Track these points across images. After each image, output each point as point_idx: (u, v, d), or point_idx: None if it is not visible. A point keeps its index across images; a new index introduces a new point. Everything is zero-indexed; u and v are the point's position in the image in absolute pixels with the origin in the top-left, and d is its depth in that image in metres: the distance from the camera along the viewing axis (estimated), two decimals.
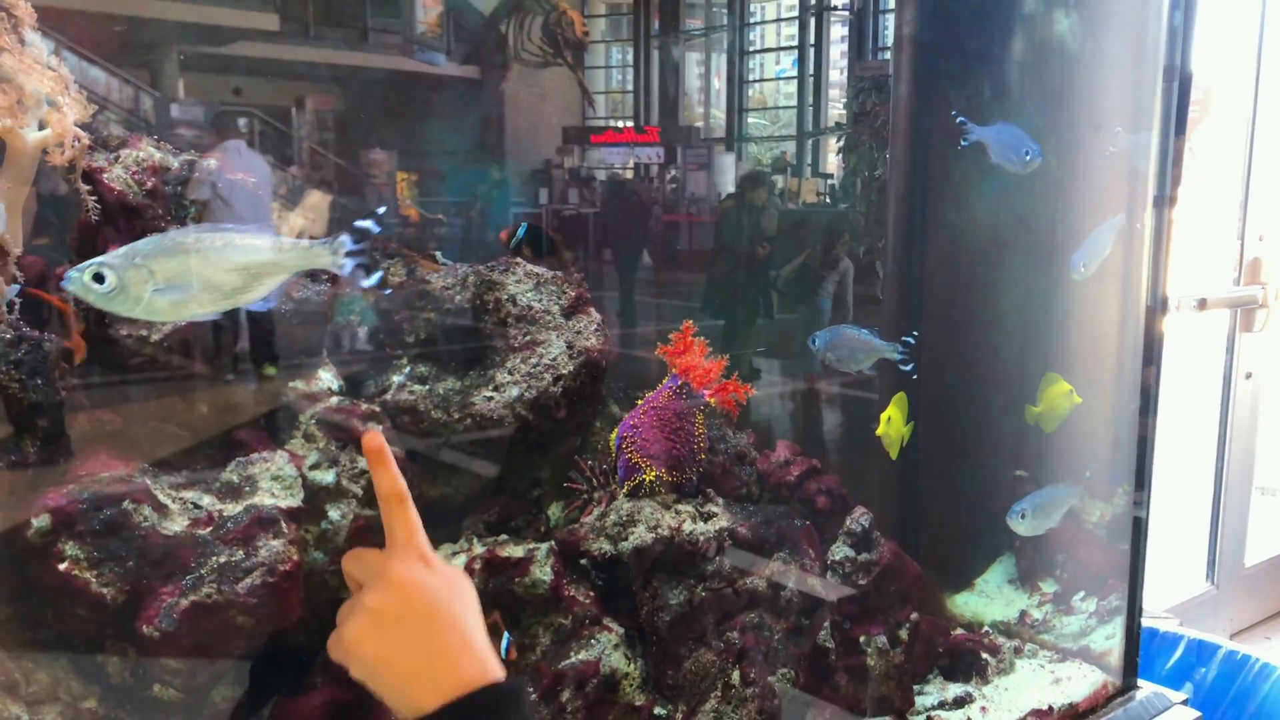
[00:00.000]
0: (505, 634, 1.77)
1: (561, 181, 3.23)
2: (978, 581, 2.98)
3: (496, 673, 0.87)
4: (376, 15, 2.79)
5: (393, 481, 0.94)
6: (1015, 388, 2.92)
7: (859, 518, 2.08)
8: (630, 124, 3.67)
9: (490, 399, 1.89)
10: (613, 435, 1.97)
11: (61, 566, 1.37)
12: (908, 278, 3.01)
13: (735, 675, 1.82)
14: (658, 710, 1.84)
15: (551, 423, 1.93)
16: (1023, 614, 2.72)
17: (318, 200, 2.28)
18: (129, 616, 1.41)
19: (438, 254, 1.98)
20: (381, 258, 1.94)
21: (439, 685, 0.85)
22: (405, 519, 0.94)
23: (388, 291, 1.77)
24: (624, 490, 1.91)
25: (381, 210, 1.29)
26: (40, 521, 1.37)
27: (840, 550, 2.06)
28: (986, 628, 2.65)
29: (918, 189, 2.91)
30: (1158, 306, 2.46)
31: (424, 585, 0.90)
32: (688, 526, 1.86)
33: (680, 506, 1.90)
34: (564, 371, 1.92)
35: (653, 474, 1.88)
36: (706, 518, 1.90)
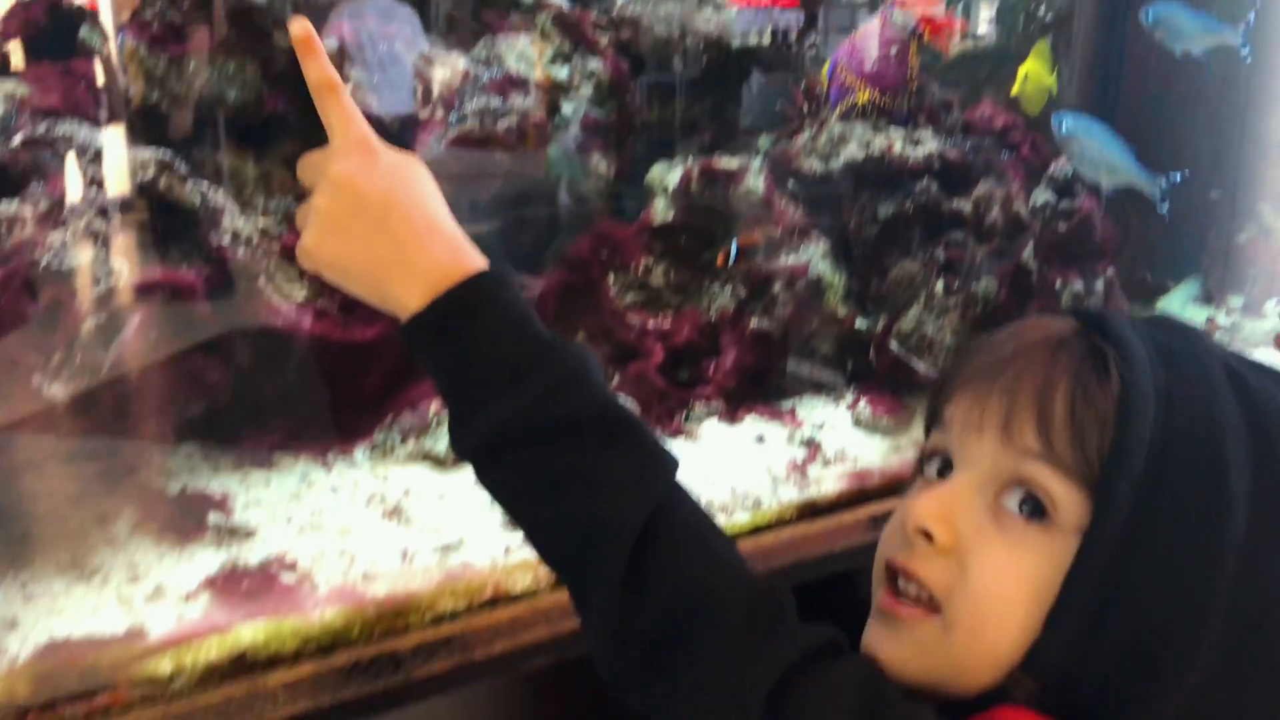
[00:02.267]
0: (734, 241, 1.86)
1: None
2: (1160, 302, 2.97)
3: (474, 257, 0.83)
4: None
5: (322, 71, 0.86)
6: (1215, 104, 2.85)
7: (1062, 165, 2.10)
8: None
9: (709, 20, 1.96)
10: (824, 68, 2.02)
11: None
12: None
13: (938, 286, 1.89)
14: (859, 324, 1.93)
15: (767, 49, 2.00)
16: (1209, 320, 2.71)
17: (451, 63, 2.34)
18: (402, 143, 1.55)
19: None
20: None
21: (416, 273, 0.81)
22: (340, 108, 0.86)
23: None
24: (835, 114, 1.97)
25: None
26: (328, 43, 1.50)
27: (1042, 195, 2.09)
28: None
29: None
30: None
31: (372, 173, 0.84)
32: (898, 147, 1.92)
33: (891, 130, 1.95)
34: None
35: (866, 95, 1.93)
36: (916, 143, 1.95)
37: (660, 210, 1.90)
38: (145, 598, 1.09)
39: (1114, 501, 0.75)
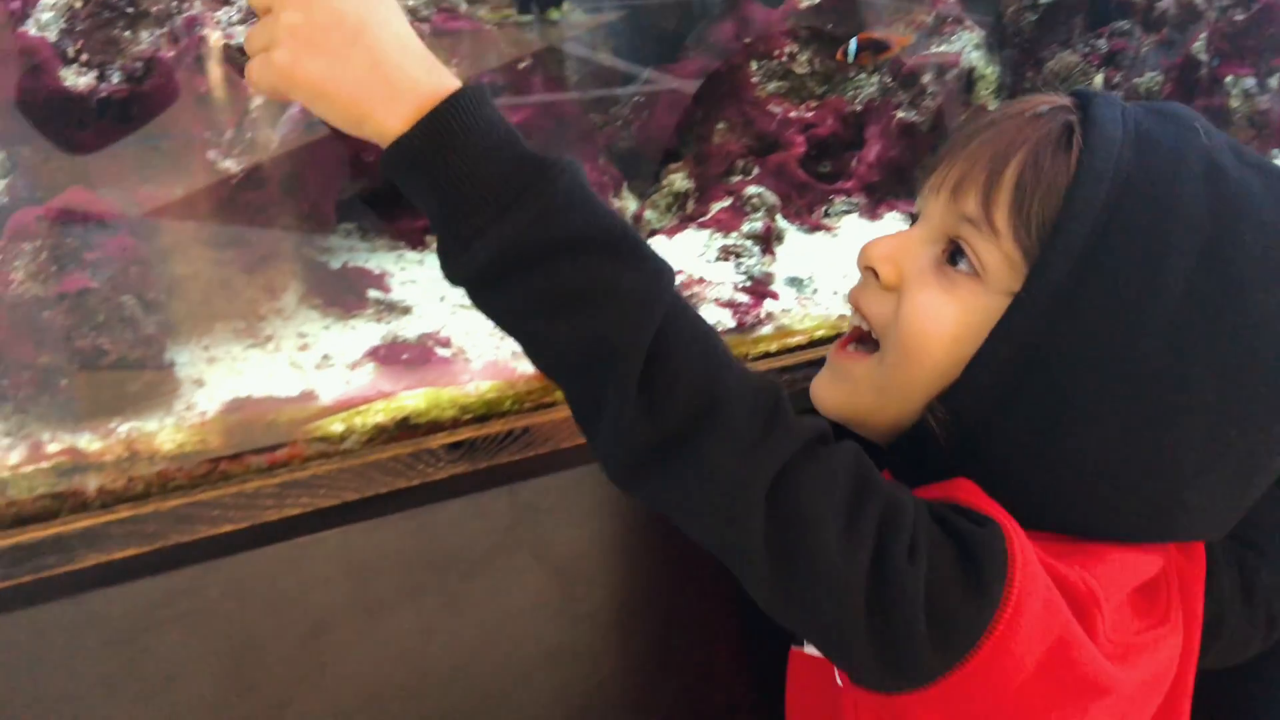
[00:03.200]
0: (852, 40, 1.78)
1: None
2: None
3: (449, 75, 0.79)
4: None
5: None
6: None
7: None
8: None
9: None
10: None
11: None
12: None
13: (1098, 79, 1.81)
14: None
15: None
16: None
17: None
18: None
19: None
20: None
21: (395, 93, 0.76)
22: None
23: None
24: None
25: None
26: None
27: None
28: None
29: None
30: None
31: None
32: None
33: None
34: None
35: None
36: None
37: None
38: (314, 365, 1.17)
39: (1046, 271, 0.80)
